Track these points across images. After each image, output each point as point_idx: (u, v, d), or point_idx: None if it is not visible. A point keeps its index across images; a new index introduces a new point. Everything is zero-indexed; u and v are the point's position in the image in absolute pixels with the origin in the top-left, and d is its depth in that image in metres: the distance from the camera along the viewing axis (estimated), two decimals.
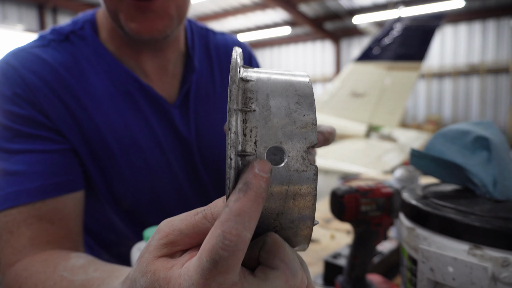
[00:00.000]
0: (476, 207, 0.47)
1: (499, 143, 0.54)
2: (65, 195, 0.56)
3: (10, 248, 0.52)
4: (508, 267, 0.39)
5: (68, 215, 0.57)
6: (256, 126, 0.25)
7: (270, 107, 0.26)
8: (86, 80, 0.62)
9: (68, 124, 0.60)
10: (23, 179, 0.53)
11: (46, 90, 0.59)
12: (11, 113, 0.56)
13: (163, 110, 0.68)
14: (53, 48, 0.63)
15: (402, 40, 5.81)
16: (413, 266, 0.50)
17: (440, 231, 0.46)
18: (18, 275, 0.50)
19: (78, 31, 0.66)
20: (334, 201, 0.68)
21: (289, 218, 0.27)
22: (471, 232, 0.42)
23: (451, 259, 0.43)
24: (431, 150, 0.59)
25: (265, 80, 0.27)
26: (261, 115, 0.26)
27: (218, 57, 0.78)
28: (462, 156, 0.56)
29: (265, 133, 0.25)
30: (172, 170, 0.69)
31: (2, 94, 0.57)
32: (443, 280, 0.44)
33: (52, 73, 0.60)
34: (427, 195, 0.55)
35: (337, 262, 0.87)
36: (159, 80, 0.69)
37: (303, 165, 0.26)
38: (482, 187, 0.53)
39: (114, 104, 0.64)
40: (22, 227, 0.53)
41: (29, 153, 0.55)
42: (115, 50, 0.66)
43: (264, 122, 0.26)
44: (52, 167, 0.56)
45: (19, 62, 0.59)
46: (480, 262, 0.41)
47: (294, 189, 0.26)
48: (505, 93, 10.45)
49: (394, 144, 5.44)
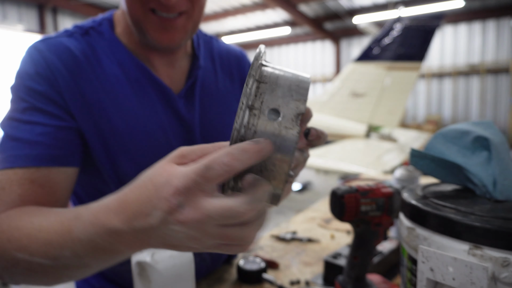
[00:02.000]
0: (476, 207, 0.47)
1: (499, 143, 0.54)
2: (58, 167, 0.62)
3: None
4: (508, 267, 0.39)
5: (58, 185, 0.62)
6: (265, 92, 0.37)
7: (277, 84, 0.38)
8: (101, 67, 0.70)
9: (79, 104, 0.67)
10: (24, 146, 0.60)
11: (64, 71, 0.66)
12: (30, 89, 0.64)
13: (169, 99, 0.75)
14: (75, 39, 0.71)
15: (402, 40, 5.81)
16: (413, 266, 0.50)
17: (440, 231, 0.46)
18: (1, 220, 0.54)
19: (96, 27, 0.74)
20: (334, 201, 0.68)
21: (272, 162, 0.36)
22: (471, 232, 0.42)
23: (451, 259, 0.43)
24: (431, 150, 0.59)
25: (278, 68, 0.40)
26: (269, 87, 0.37)
27: (221, 60, 0.87)
28: (462, 156, 0.56)
29: (269, 99, 0.37)
30: (173, 144, 0.75)
31: (26, 72, 0.66)
32: (443, 280, 0.44)
33: (71, 58, 0.68)
34: (427, 195, 0.55)
35: (337, 262, 0.87)
36: (166, 74, 0.77)
37: (291, 124, 0.36)
38: (482, 187, 0.53)
39: (124, 90, 0.71)
40: (14, 185, 0.58)
41: (35, 124, 0.62)
42: (128, 44, 0.74)
43: (270, 91, 0.37)
44: (52, 140, 0.62)
45: (45, 47, 0.67)
46: (480, 262, 0.41)
47: (282, 139, 0.36)
48: (505, 93, 10.45)
49: (394, 144, 5.45)
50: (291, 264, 1.01)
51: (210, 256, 0.90)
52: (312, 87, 13.40)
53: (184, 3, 0.66)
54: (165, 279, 0.62)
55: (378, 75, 5.94)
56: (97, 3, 10.44)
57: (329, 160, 4.25)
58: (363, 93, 6.04)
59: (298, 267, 0.99)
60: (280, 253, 1.09)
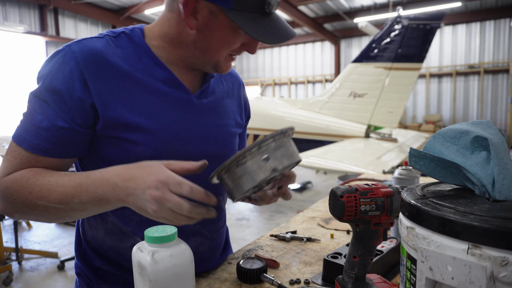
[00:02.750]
0: (475, 207, 0.47)
1: (498, 143, 0.54)
2: (50, 158, 0.77)
3: (7, 165, 0.76)
4: (506, 266, 0.40)
5: (51, 167, 0.78)
6: (271, 146, 0.70)
7: (281, 148, 0.71)
8: (129, 65, 0.82)
9: (103, 97, 0.78)
10: (32, 132, 0.75)
11: (93, 70, 0.77)
12: (51, 85, 0.75)
13: (187, 98, 0.88)
14: (106, 41, 0.82)
15: (402, 40, 5.81)
16: (412, 265, 0.50)
17: (439, 231, 0.46)
18: (12, 177, 0.74)
19: (128, 32, 0.86)
20: (334, 201, 0.68)
21: (240, 180, 0.69)
22: (470, 232, 0.43)
23: (450, 259, 0.43)
24: (430, 150, 0.59)
25: (291, 143, 0.74)
26: (277, 146, 0.70)
27: (225, 77, 1.04)
28: (461, 156, 0.56)
29: (271, 151, 0.69)
30: (187, 137, 0.88)
31: (59, 70, 0.76)
32: (442, 279, 0.44)
33: (101, 58, 0.78)
34: (426, 194, 0.55)
35: (337, 261, 0.87)
36: (186, 79, 0.90)
37: (267, 172, 0.68)
38: (481, 187, 0.53)
39: (154, 88, 0.83)
40: (20, 158, 0.76)
41: (45, 118, 0.75)
42: (157, 52, 0.86)
43: (274, 148, 0.70)
44: (51, 137, 0.75)
45: (78, 47, 0.78)
46: (479, 261, 0.41)
47: (257, 171, 0.68)
48: (504, 93, 10.45)
49: (394, 144, 5.44)
50: (291, 264, 1.01)
51: (208, 242, 0.98)
52: (312, 87, 13.40)
53: None
54: (165, 279, 0.62)
55: (378, 75, 5.94)
56: (97, 3, 10.45)
57: (329, 160, 4.25)
58: (363, 93, 6.03)
59: (298, 267, 0.99)
60: (280, 252, 1.09)
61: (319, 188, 7.15)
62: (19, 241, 3.78)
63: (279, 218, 5.20)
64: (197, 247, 0.92)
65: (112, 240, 0.89)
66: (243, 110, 1.08)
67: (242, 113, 1.07)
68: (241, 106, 1.07)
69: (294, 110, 6.43)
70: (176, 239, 0.66)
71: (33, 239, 4.34)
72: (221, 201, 0.98)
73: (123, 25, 11.39)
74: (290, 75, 13.80)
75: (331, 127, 5.99)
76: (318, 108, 6.38)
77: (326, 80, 12.91)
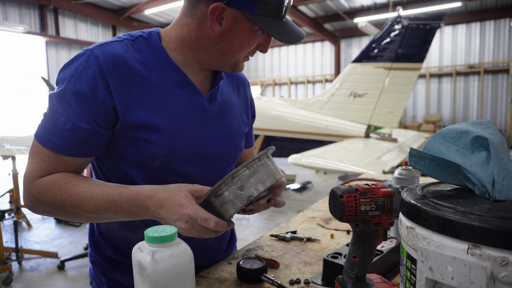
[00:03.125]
0: (475, 207, 0.47)
1: (498, 143, 0.54)
2: (73, 158, 0.83)
3: (37, 166, 0.82)
4: (506, 266, 0.40)
5: (74, 165, 0.85)
6: (245, 175, 0.76)
7: (255, 174, 0.77)
8: (146, 69, 0.87)
9: (123, 100, 0.83)
10: (56, 134, 0.80)
11: (115, 74, 0.82)
12: (75, 89, 0.80)
13: (199, 99, 0.94)
14: (125, 44, 0.87)
15: (402, 40, 5.81)
16: (412, 265, 0.50)
17: (439, 231, 0.46)
18: (50, 180, 0.81)
19: (145, 35, 0.91)
20: (334, 201, 0.68)
21: (225, 207, 0.76)
22: (470, 232, 0.43)
23: (450, 259, 0.43)
24: (430, 150, 0.59)
25: (268, 164, 0.79)
26: (251, 173, 0.76)
27: (232, 78, 1.09)
28: (461, 156, 0.56)
29: (245, 179, 0.76)
30: (199, 137, 0.93)
31: (83, 74, 0.80)
32: (442, 279, 0.44)
33: (122, 62, 0.83)
34: (426, 194, 0.55)
35: (337, 261, 0.87)
36: (197, 81, 0.95)
37: (243, 200, 0.75)
38: (481, 187, 0.53)
39: (168, 90, 0.89)
40: (47, 159, 0.82)
41: (68, 120, 0.80)
42: (172, 55, 0.91)
43: (249, 176, 0.76)
44: (74, 138, 0.81)
45: (100, 52, 0.82)
46: (479, 261, 0.41)
47: (235, 200, 0.76)
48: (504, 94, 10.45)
49: (394, 144, 5.44)
50: (291, 264, 1.01)
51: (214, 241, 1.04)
52: (312, 87, 13.40)
53: None
54: (165, 279, 0.62)
55: (378, 75, 5.94)
56: (97, 3, 10.45)
57: (329, 160, 4.25)
58: (363, 93, 6.03)
59: (298, 267, 0.99)
60: (280, 252, 1.09)
61: (319, 188, 7.15)
62: (19, 241, 3.78)
63: (279, 218, 5.20)
64: (203, 240, 0.96)
65: (125, 232, 0.96)
66: (249, 109, 1.12)
67: (249, 112, 1.12)
68: (247, 105, 1.12)
69: (294, 110, 6.43)
70: (176, 239, 0.66)
71: (33, 239, 4.34)
72: None
73: (123, 25, 11.43)
74: (290, 75, 13.80)
75: (331, 127, 5.99)
76: (318, 108, 6.38)
77: (326, 80, 12.91)
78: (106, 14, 10.87)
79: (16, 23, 9.03)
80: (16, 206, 4.39)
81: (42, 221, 5.02)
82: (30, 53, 9.99)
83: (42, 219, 5.08)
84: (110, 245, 0.99)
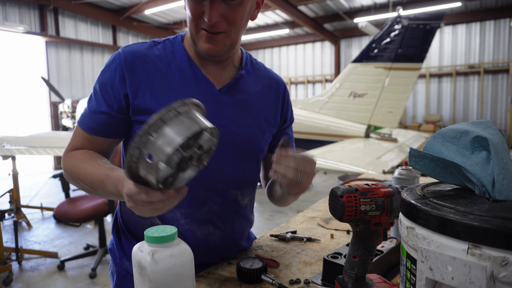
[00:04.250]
0: (475, 207, 0.47)
1: (498, 143, 0.54)
2: (102, 138, 0.98)
3: (72, 142, 1.00)
4: (506, 266, 0.40)
5: (102, 145, 0.99)
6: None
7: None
8: (163, 63, 0.97)
9: (134, 87, 0.94)
10: (90, 119, 0.97)
11: (131, 67, 0.94)
12: (102, 79, 0.96)
13: (213, 92, 0.99)
14: (149, 45, 1.00)
15: (402, 40, 5.81)
16: (412, 265, 0.50)
17: (439, 231, 0.46)
18: (72, 153, 0.98)
19: (171, 39, 1.03)
20: (334, 201, 0.68)
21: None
22: (470, 232, 0.43)
23: (450, 259, 0.43)
24: (430, 150, 0.59)
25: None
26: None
27: (263, 77, 1.12)
28: (461, 156, 0.56)
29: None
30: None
31: (108, 68, 0.96)
32: (442, 279, 0.44)
33: (139, 57, 0.96)
34: (426, 194, 0.55)
35: (337, 261, 0.87)
36: (214, 77, 1.01)
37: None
38: (481, 187, 0.53)
39: (180, 81, 0.97)
40: (81, 138, 0.99)
41: (99, 106, 0.96)
42: (190, 53, 1.00)
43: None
44: (103, 122, 0.96)
45: (123, 50, 0.97)
46: (479, 261, 0.41)
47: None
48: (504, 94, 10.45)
49: (394, 144, 5.44)
50: (291, 264, 1.01)
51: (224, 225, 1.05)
52: (312, 87, 13.40)
53: (223, 25, 0.90)
54: (165, 279, 0.62)
55: (378, 75, 5.93)
56: (97, 3, 10.44)
57: (329, 160, 4.25)
58: (363, 93, 6.03)
59: (297, 267, 0.99)
60: (280, 252, 1.09)
61: (319, 188, 7.15)
62: (19, 241, 3.78)
63: (279, 218, 5.20)
64: (208, 235, 1.00)
65: (136, 216, 1.01)
66: (278, 111, 1.13)
67: (277, 113, 1.12)
68: (278, 106, 1.13)
69: (294, 110, 6.41)
70: (176, 239, 0.66)
71: (33, 239, 4.34)
72: (238, 196, 1.03)
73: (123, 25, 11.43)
74: (290, 75, 13.80)
75: (331, 127, 5.99)
76: (318, 108, 6.38)
77: (326, 80, 12.91)
78: (106, 14, 10.87)
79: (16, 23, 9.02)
80: (16, 206, 4.39)
81: (42, 221, 5.02)
82: (30, 53, 9.98)
83: (42, 219, 5.09)
84: (128, 230, 1.06)
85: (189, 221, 0.97)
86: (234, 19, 0.90)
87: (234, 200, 1.02)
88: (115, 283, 1.08)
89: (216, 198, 0.98)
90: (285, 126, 1.17)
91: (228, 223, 1.02)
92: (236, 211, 1.04)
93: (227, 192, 1.00)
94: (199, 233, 0.98)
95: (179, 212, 0.96)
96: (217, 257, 1.04)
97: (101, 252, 3.57)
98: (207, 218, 0.98)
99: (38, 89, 10.09)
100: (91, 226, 4.72)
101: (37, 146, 3.69)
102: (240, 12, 0.90)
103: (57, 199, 6.15)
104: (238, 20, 0.91)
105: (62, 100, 8.98)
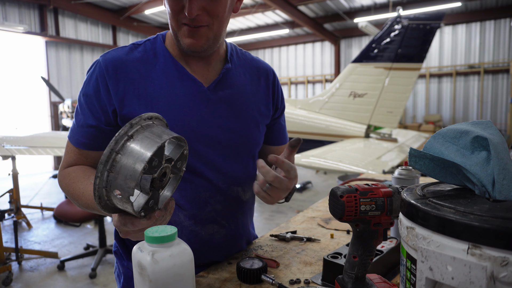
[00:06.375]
0: (475, 207, 0.47)
1: (498, 143, 0.54)
2: (92, 151, 0.95)
3: (65, 159, 0.98)
4: (506, 266, 0.40)
5: (93, 158, 0.96)
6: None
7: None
8: (146, 67, 0.95)
9: (120, 96, 0.91)
10: (79, 133, 0.94)
11: (113, 75, 0.92)
12: (86, 92, 0.93)
13: (201, 90, 0.97)
14: (129, 48, 0.97)
15: (402, 40, 5.81)
16: (412, 265, 0.50)
17: (439, 231, 0.46)
18: (66, 171, 0.95)
19: (151, 39, 1.00)
20: (334, 201, 0.68)
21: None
22: (470, 232, 0.42)
23: (450, 259, 0.43)
24: (430, 150, 0.59)
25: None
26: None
27: (251, 68, 1.09)
28: (461, 156, 0.56)
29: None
30: (198, 127, 0.95)
31: (90, 78, 0.93)
32: (442, 279, 0.44)
33: (120, 64, 0.93)
34: (426, 194, 0.55)
35: (337, 261, 0.87)
36: (201, 74, 0.99)
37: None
38: (481, 187, 0.53)
39: (167, 84, 0.94)
40: (73, 154, 0.96)
41: (87, 120, 0.93)
42: (173, 52, 0.98)
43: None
44: (90, 135, 0.93)
45: (102, 58, 0.94)
46: (479, 261, 0.41)
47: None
48: (504, 94, 10.45)
49: (394, 144, 5.44)
50: (291, 264, 1.01)
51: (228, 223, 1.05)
52: (312, 87, 13.40)
53: (205, 19, 0.88)
54: (165, 279, 0.62)
55: (378, 75, 5.93)
56: (97, 3, 10.44)
57: (329, 160, 4.25)
58: (363, 93, 6.03)
59: (297, 267, 0.99)
60: (280, 252, 1.09)
61: (319, 188, 7.15)
62: (19, 241, 3.78)
63: (279, 218, 5.20)
64: (213, 235, 1.00)
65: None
66: (270, 99, 1.09)
67: (269, 102, 1.09)
68: (269, 96, 1.09)
69: (294, 110, 6.43)
70: (176, 239, 0.66)
71: (33, 239, 4.34)
72: (240, 192, 1.03)
73: (123, 25, 11.43)
74: (290, 75, 13.79)
75: (331, 127, 5.99)
76: (318, 108, 6.38)
77: (326, 80, 12.91)
78: (106, 14, 10.86)
79: (16, 23, 9.01)
80: (16, 206, 4.39)
81: (42, 221, 5.02)
82: (30, 53, 9.98)
83: (42, 219, 5.08)
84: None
85: (193, 222, 0.97)
86: (216, 11, 0.87)
87: (236, 197, 1.02)
88: (122, 285, 1.06)
89: (218, 197, 0.99)
90: (277, 115, 1.14)
91: (232, 220, 1.03)
92: (239, 207, 1.04)
93: (228, 190, 1.00)
94: (204, 233, 0.98)
95: (182, 214, 0.96)
96: (222, 255, 1.04)
97: (101, 252, 3.56)
98: (211, 218, 0.99)
99: (38, 89, 10.08)
100: (91, 226, 4.72)
101: (37, 146, 3.69)
102: (221, 4, 0.87)
103: (57, 199, 6.16)
104: (220, 13, 0.88)
105: (62, 100, 8.98)
